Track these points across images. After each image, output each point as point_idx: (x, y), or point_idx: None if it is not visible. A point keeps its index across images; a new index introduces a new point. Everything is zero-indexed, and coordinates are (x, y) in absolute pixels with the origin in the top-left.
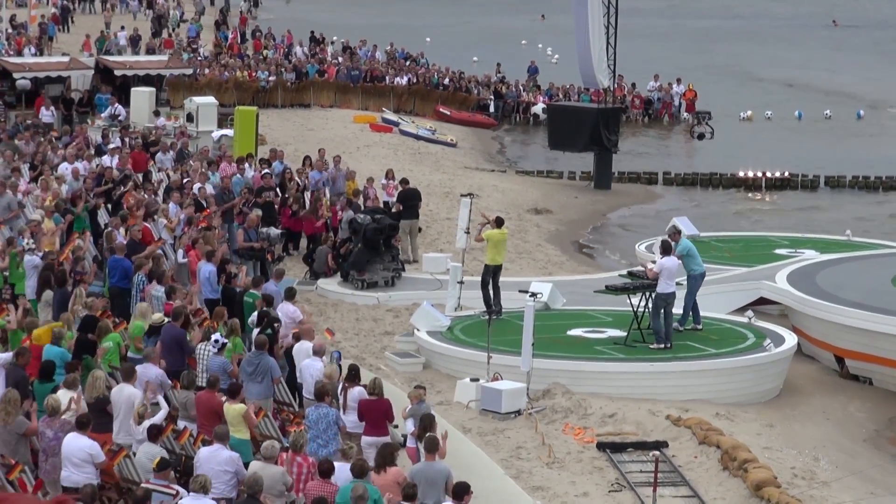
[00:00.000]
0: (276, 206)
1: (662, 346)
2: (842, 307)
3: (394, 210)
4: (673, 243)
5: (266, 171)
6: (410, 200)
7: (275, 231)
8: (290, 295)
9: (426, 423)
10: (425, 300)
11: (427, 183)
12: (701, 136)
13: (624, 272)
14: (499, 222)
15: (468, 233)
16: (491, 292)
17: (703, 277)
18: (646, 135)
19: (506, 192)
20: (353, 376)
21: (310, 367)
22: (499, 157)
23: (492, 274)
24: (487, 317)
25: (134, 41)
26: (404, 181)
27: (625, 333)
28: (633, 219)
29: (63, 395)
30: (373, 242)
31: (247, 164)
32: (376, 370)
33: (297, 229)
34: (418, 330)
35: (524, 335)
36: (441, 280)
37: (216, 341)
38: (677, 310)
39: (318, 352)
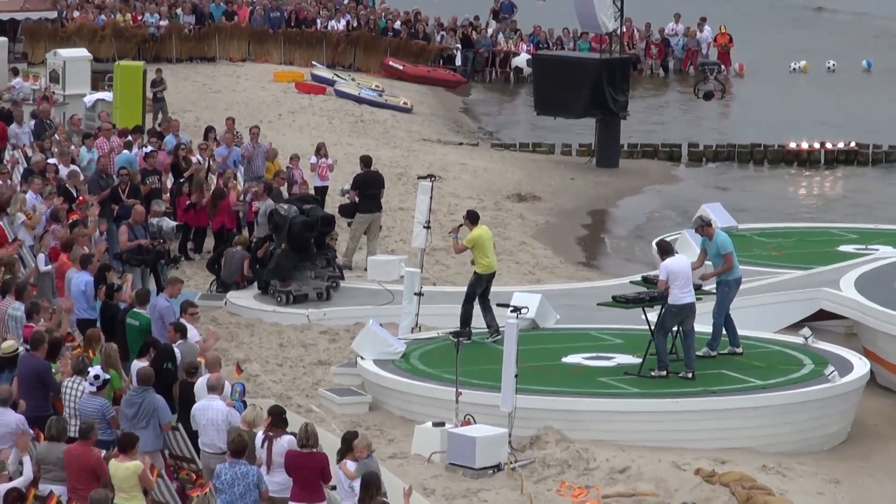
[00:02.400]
0: (166, 195)
1: (663, 373)
2: None
3: (347, 199)
4: (703, 238)
5: (151, 148)
6: (370, 187)
7: (168, 223)
8: (186, 310)
9: (370, 487)
10: (372, 318)
11: (374, 161)
12: (708, 96)
13: (637, 278)
14: (472, 218)
15: (428, 228)
16: (474, 308)
17: (739, 285)
18: (665, 94)
19: (478, 172)
20: (278, 422)
21: (206, 411)
22: (469, 126)
23: (485, 285)
24: (457, 339)
25: None
26: (366, 160)
27: (639, 360)
28: (648, 207)
29: None
30: (301, 242)
31: (134, 140)
32: (307, 413)
33: (199, 225)
34: (362, 358)
35: (504, 364)
36: (392, 291)
37: (96, 377)
38: (704, 328)
39: (213, 387)
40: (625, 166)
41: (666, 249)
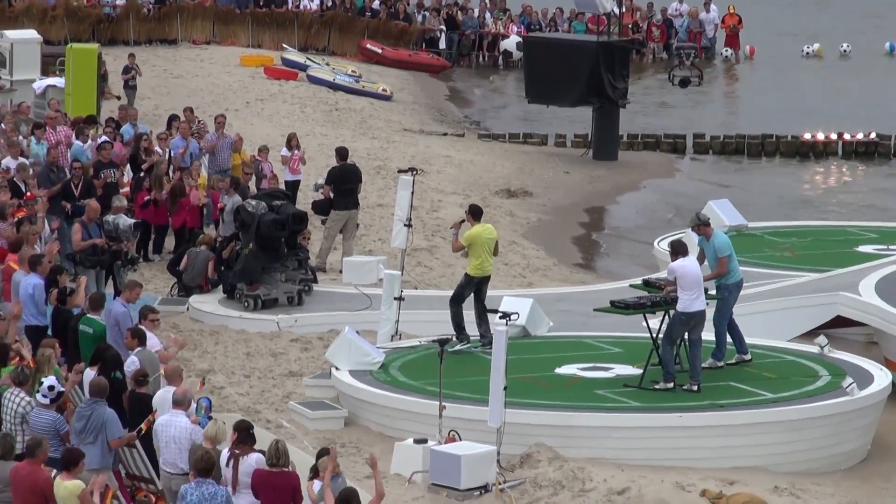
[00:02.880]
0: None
1: (670, 385)
2: None
3: (321, 194)
4: (700, 238)
5: (106, 138)
6: (346, 182)
7: (125, 220)
8: (146, 316)
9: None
10: (347, 326)
11: (350, 153)
12: (684, 83)
13: (638, 281)
14: (475, 213)
15: (409, 226)
16: (464, 313)
17: (740, 289)
18: (668, 81)
19: (464, 165)
20: (245, 438)
21: (169, 427)
22: (454, 115)
23: (475, 288)
24: (440, 348)
25: None
26: (341, 152)
27: (639, 371)
28: (650, 203)
29: None
30: (270, 241)
31: (87, 130)
32: (277, 429)
33: (160, 222)
34: (337, 369)
35: (493, 375)
36: (370, 296)
37: (50, 388)
38: (707, 337)
39: (179, 402)
40: (624, 159)
41: (678, 250)
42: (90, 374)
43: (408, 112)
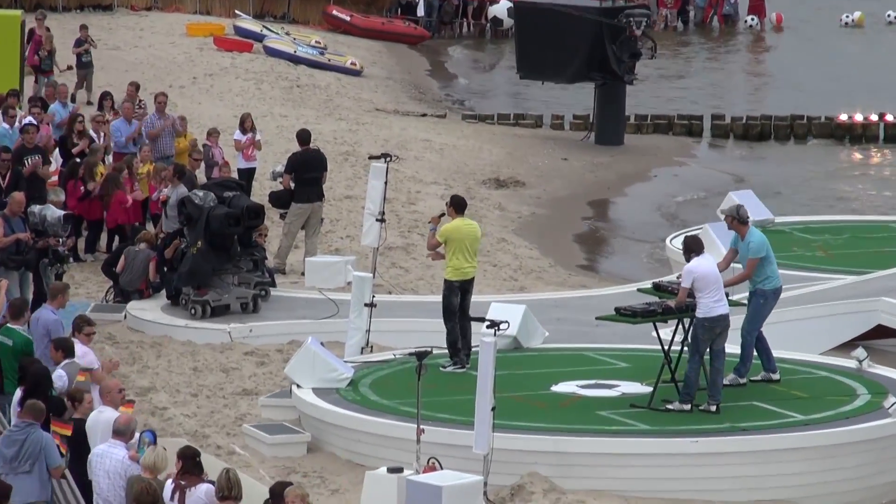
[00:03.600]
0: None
1: (686, 407)
2: None
3: (280, 184)
4: (735, 236)
5: (31, 119)
6: (309, 169)
7: (54, 212)
8: (81, 329)
9: None
10: (310, 336)
11: (314, 137)
12: (634, 57)
13: (647, 285)
14: (458, 205)
15: (382, 221)
16: (457, 328)
17: (778, 296)
18: (682, 54)
19: (446, 151)
20: (191, 467)
21: (104, 459)
22: (434, 93)
23: (459, 295)
24: (419, 362)
25: None
26: (302, 136)
27: (649, 389)
28: (660, 194)
29: None
30: (221, 238)
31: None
32: (228, 456)
33: (93, 217)
34: (299, 386)
35: (479, 394)
36: (337, 302)
37: None
38: (731, 349)
39: (121, 432)
40: (631, 144)
41: (693, 248)
42: (21, 393)
43: (380, 89)
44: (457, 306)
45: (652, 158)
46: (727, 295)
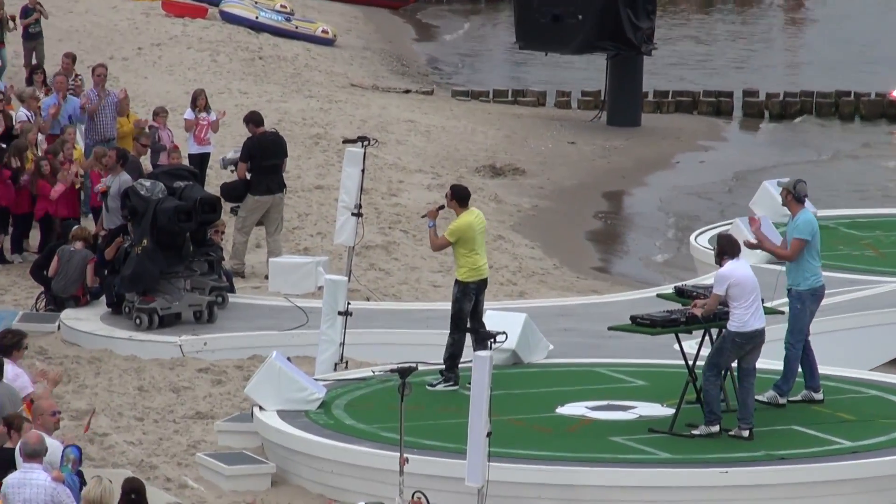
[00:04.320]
0: None
1: (714, 429)
2: None
3: (233, 172)
4: (789, 225)
5: None
6: (267, 156)
7: None
8: (11, 350)
9: None
10: (275, 350)
11: (278, 118)
12: (557, 19)
13: (668, 290)
14: (460, 196)
15: (359, 215)
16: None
17: (819, 298)
18: (706, 20)
19: (433, 133)
20: (137, 502)
21: (23, 488)
22: (419, 66)
23: (474, 297)
24: (402, 380)
25: None
26: (255, 118)
27: (670, 411)
28: (684, 184)
29: None
30: (171, 236)
31: None
32: (179, 490)
33: (21, 211)
34: (262, 409)
35: (472, 417)
36: (306, 310)
37: None
38: (769, 364)
39: (34, 452)
40: (649, 125)
41: (727, 249)
42: None
43: (357, 61)
44: (469, 314)
45: (674, 142)
46: (763, 301)
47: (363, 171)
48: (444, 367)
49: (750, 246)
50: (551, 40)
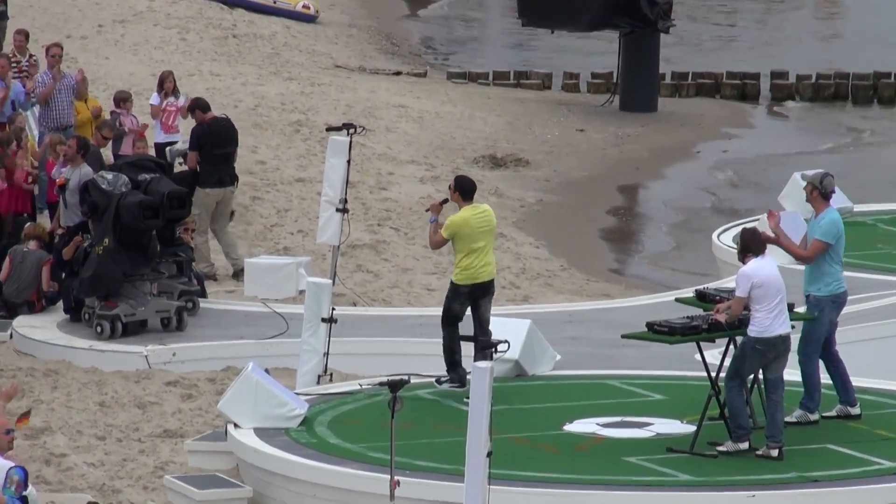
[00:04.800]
0: None
1: (742, 446)
2: None
3: (181, 164)
4: (812, 223)
5: None
6: (219, 144)
7: None
8: None
9: None
10: (251, 361)
11: (254, 103)
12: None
13: (688, 293)
14: (465, 189)
15: (344, 211)
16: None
17: (840, 306)
18: None
19: (427, 120)
20: None
21: None
22: (411, 46)
23: (467, 302)
24: (393, 394)
25: None
26: (200, 104)
27: (691, 428)
28: (705, 175)
29: None
30: (136, 235)
31: None
32: None
33: None
34: (237, 426)
35: (470, 435)
36: (286, 316)
37: None
38: (794, 375)
39: None
40: (667, 110)
41: (751, 246)
42: None
43: (342, 40)
44: (460, 315)
45: (694, 129)
46: (791, 307)
47: (349, 161)
48: (446, 365)
49: (767, 240)
50: (558, 16)
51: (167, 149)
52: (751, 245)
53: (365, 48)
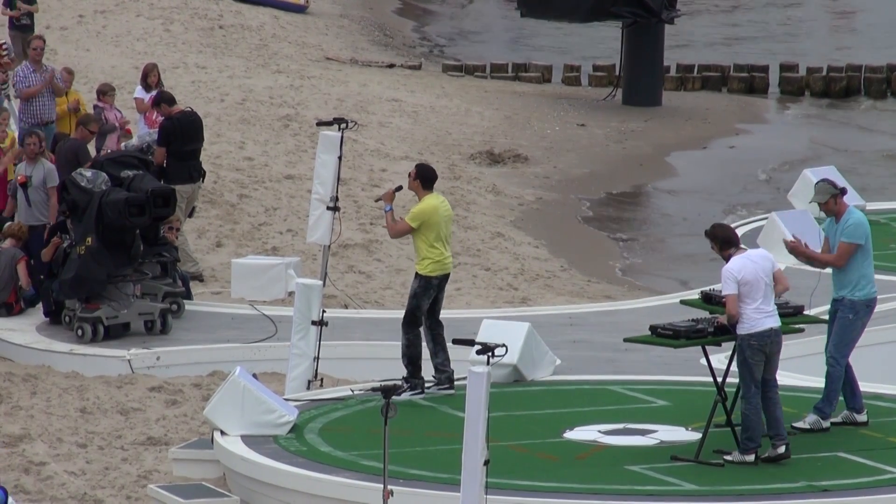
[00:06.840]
0: None
1: (751, 457)
2: None
3: (154, 160)
4: (829, 220)
5: None
6: (187, 139)
7: None
8: None
9: None
10: (239, 366)
11: (241, 97)
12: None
13: (693, 295)
14: (426, 177)
15: (336, 209)
16: (424, 339)
17: (872, 309)
18: None
19: (421, 114)
20: None
21: None
22: (406, 37)
23: (434, 294)
24: (385, 401)
25: None
26: (166, 97)
27: (696, 435)
28: (713, 172)
29: None
30: (119, 234)
31: None
32: None
33: None
34: (224, 433)
35: (466, 442)
36: (275, 319)
37: None
38: (807, 381)
39: None
40: (672, 104)
41: (727, 239)
42: None
43: (333, 31)
44: (426, 313)
45: (700, 124)
46: (802, 309)
47: (340, 158)
48: (406, 373)
49: (790, 246)
50: (557, 6)
51: (122, 144)
52: (725, 238)
53: (357, 40)
